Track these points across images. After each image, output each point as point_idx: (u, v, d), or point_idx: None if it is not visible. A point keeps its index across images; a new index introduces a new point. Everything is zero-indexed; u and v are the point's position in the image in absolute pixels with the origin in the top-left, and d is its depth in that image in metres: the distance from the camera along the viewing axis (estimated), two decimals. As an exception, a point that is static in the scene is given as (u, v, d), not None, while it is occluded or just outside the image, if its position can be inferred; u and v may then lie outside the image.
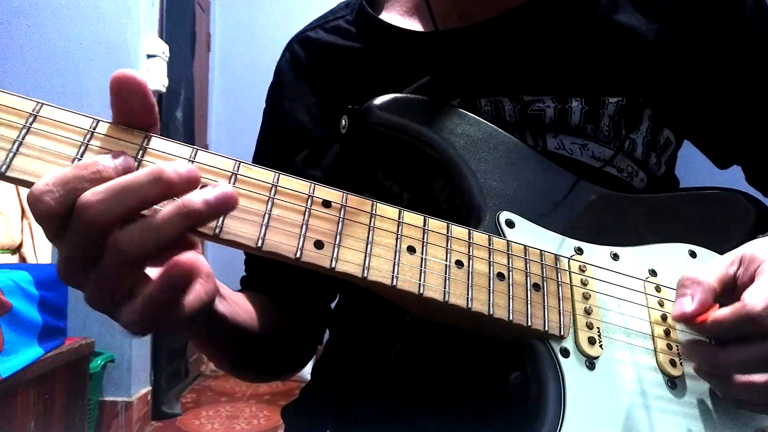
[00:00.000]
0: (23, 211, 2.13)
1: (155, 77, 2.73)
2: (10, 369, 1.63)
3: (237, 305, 0.59)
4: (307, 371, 0.83)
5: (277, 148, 0.76)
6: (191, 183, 0.40)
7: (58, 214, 0.39)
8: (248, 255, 0.78)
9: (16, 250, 2.11)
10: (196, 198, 0.40)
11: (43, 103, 0.43)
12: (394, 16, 0.76)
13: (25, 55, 2.54)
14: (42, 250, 2.19)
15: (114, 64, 2.56)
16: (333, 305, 0.81)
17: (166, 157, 0.45)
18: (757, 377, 0.51)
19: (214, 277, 0.48)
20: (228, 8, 4.34)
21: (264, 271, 0.76)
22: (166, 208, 0.40)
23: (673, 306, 0.54)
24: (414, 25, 0.74)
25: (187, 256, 0.41)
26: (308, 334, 0.78)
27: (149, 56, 2.71)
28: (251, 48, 4.21)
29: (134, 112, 0.44)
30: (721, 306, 0.52)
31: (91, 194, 0.39)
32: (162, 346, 2.91)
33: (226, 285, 0.76)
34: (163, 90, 2.82)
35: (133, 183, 0.40)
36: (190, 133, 3.41)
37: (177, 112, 3.19)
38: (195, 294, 0.44)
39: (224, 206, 0.40)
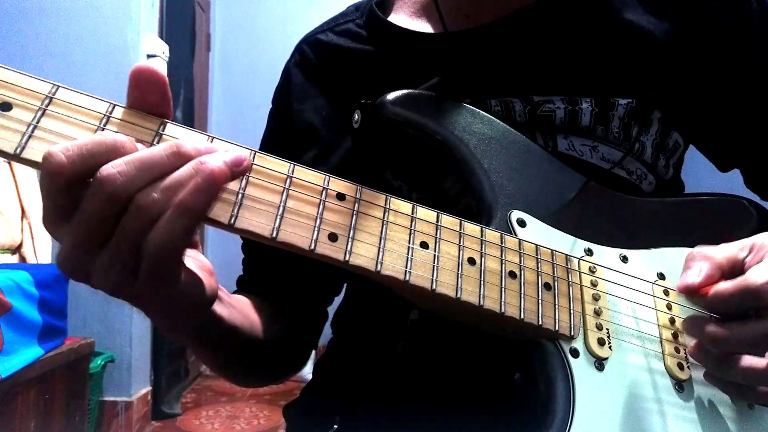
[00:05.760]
0: (23, 211, 2.12)
1: (155, 77, 2.73)
2: (10, 369, 1.63)
3: (234, 308, 0.59)
4: (307, 371, 0.83)
5: (284, 148, 0.76)
6: (208, 152, 0.41)
7: (69, 177, 0.39)
8: (247, 256, 0.78)
9: (16, 250, 2.10)
10: (214, 159, 0.41)
11: (59, 86, 0.43)
12: (402, 17, 0.76)
13: (25, 55, 2.54)
14: (42, 250, 2.19)
15: (114, 64, 2.56)
16: (335, 305, 0.81)
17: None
18: (756, 361, 0.51)
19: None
20: (228, 8, 4.34)
21: (262, 273, 0.76)
22: (185, 169, 0.40)
23: (679, 278, 0.54)
24: (422, 26, 0.75)
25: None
26: (303, 337, 0.78)
27: (149, 56, 2.71)
28: (251, 48, 4.21)
29: (151, 105, 0.44)
30: None
31: (111, 166, 0.39)
32: (162, 346, 2.90)
33: (225, 285, 0.75)
34: (164, 90, 2.82)
35: (153, 156, 0.40)
36: (190, 133, 3.41)
37: (177, 112, 3.19)
38: (210, 279, 0.46)
39: (240, 167, 0.42)
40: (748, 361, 0.52)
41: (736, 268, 0.54)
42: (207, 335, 0.55)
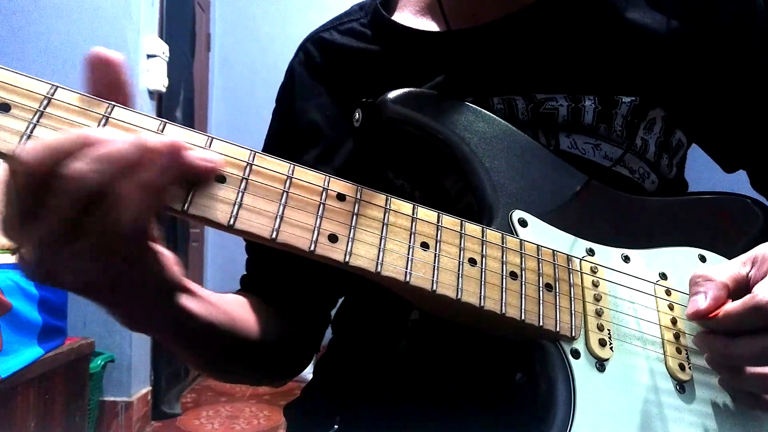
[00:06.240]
0: (23, 211, 2.12)
1: (155, 77, 2.73)
2: (10, 369, 1.63)
3: (212, 306, 0.57)
4: (307, 371, 0.83)
5: (287, 146, 0.76)
6: (172, 147, 0.41)
7: (38, 175, 0.38)
8: (251, 256, 0.78)
9: (16, 250, 2.10)
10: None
11: (57, 86, 0.42)
12: (407, 16, 0.76)
13: (25, 55, 2.54)
14: (42, 250, 2.19)
15: (114, 63, 2.56)
16: (336, 306, 0.81)
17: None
18: (762, 369, 0.52)
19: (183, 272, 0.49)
20: (228, 8, 4.34)
21: (265, 274, 0.76)
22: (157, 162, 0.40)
23: (688, 304, 0.54)
24: (427, 24, 0.74)
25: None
26: (305, 340, 0.77)
27: (149, 56, 2.71)
28: (251, 48, 4.22)
29: (107, 88, 0.44)
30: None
31: (80, 164, 0.39)
32: (162, 346, 2.90)
33: (225, 285, 0.75)
34: (163, 90, 2.82)
35: (121, 151, 0.40)
36: (190, 133, 3.41)
37: (177, 112, 3.18)
38: (175, 266, 0.47)
39: (210, 162, 0.43)
40: (760, 370, 0.52)
41: (741, 285, 0.54)
42: (181, 330, 0.54)
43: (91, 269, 0.41)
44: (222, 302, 0.61)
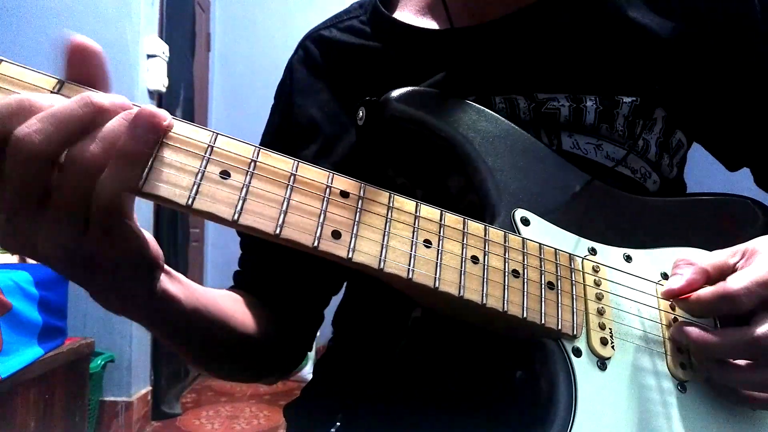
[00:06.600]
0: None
1: (155, 77, 2.73)
2: (10, 369, 1.63)
3: (198, 293, 0.57)
4: (307, 371, 0.83)
5: (285, 142, 0.76)
6: (122, 107, 0.40)
7: None
8: (245, 253, 0.78)
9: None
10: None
11: (63, 81, 0.43)
12: (407, 15, 0.76)
13: (25, 55, 2.53)
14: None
15: (114, 64, 2.54)
16: (335, 304, 0.81)
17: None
18: (741, 362, 0.53)
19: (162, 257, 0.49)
20: (228, 8, 4.35)
21: (258, 273, 0.76)
22: (116, 119, 0.40)
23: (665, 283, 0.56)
24: (428, 23, 0.75)
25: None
26: (296, 339, 0.77)
27: (149, 56, 2.71)
28: (251, 48, 4.22)
29: (89, 77, 0.43)
30: None
31: (26, 126, 0.38)
32: (162, 346, 2.90)
33: (225, 285, 0.75)
34: (163, 90, 2.82)
35: (65, 110, 0.39)
36: (190, 133, 3.41)
37: (177, 112, 3.19)
38: (154, 244, 0.46)
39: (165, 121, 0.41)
40: (741, 365, 0.53)
41: (725, 274, 0.55)
42: (163, 314, 0.53)
43: (66, 241, 0.41)
44: (209, 293, 0.61)
